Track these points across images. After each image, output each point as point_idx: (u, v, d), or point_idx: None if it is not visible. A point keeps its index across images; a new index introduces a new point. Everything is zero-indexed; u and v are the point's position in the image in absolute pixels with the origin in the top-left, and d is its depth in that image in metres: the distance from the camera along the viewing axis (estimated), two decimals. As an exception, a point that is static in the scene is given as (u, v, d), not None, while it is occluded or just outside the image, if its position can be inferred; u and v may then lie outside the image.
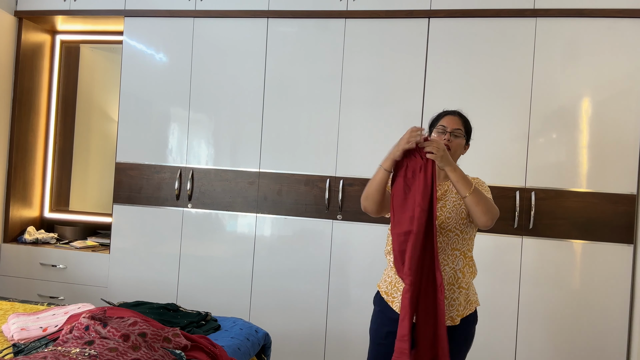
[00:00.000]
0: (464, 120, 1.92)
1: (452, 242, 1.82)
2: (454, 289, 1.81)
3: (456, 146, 1.87)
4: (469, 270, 1.85)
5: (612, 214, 2.59)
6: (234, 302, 2.97)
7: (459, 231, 1.83)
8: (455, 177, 1.70)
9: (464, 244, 1.84)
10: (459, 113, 1.94)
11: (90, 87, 3.71)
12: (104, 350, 1.53)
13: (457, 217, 1.83)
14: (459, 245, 1.83)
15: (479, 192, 1.71)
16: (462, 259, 1.83)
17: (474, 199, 1.69)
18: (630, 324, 2.58)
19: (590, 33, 2.63)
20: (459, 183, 1.69)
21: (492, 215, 1.72)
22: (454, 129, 1.88)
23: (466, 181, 1.70)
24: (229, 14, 3.02)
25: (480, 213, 1.70)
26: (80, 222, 3.58)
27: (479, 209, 1.69)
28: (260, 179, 2.96)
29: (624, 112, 2.59)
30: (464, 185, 1.69)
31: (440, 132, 1.88)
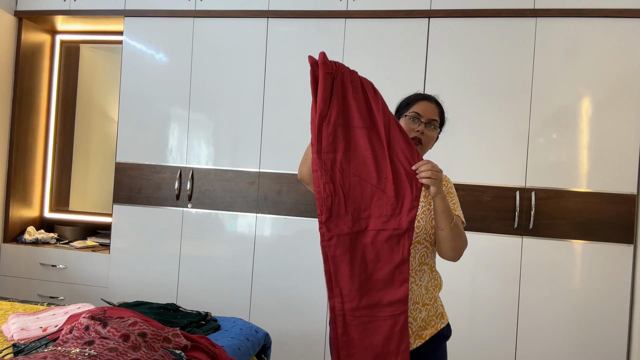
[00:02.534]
0: (440, 109, 1.63)
1: (420, 255, 1.55)
2: (418, 308, 1.56)
3: (428, 140, 1.59)
4: (434, 284, 1.61)
5: (612, 214, 2.59)
6: (234, 302, 2.97)
7: (428, 243, 1.56)
8: (442, 206, 1.43)
9: (432, 257, 1.60)
10: (435, 100, 1.63)
11: (90, 87, 3.71)
12: (104, 350, 1.53)
13: (428, 227, 1.55)
14: (427, 259, 1.57)
15: (457, 226, 1.48)
16: (428, 274, 1.58)
17: (451, 234, 1.46)
18: (630, 324, 2.58)
19: (590, 33, 2.63)
20: (443, 214, 1.44)
21: (460, 253, 1.51)
22: (430, 119, 1.57)
23: (449, 213, 1.45)
24: (229, 14, 3.02)
25: (450, 249, 1.49)
26: (80, 222, 3.58)
27: (451, 245, 1.48)
28: (260, 179, 2.96)
29: (624, 112, 2.59)
30: (446, 217, 1.44)
31: (411, 120, 1.58)
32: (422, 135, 1.55)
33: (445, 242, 1.48)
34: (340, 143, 1.38)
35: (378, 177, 1.39)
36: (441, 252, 1.53)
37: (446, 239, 1.47)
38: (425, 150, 1.60)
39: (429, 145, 1.61)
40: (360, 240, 1.41)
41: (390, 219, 1.39)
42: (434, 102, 1.62)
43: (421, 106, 1.58)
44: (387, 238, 1.39)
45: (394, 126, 1.41)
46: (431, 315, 1.58)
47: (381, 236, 1.40)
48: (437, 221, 1.45)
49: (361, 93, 1.41)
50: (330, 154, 1.38)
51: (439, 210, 1.43)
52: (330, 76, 1.36)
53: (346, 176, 1.39)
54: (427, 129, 1.57)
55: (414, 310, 1.55)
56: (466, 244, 1.53)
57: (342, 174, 1.39)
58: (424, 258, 1.57)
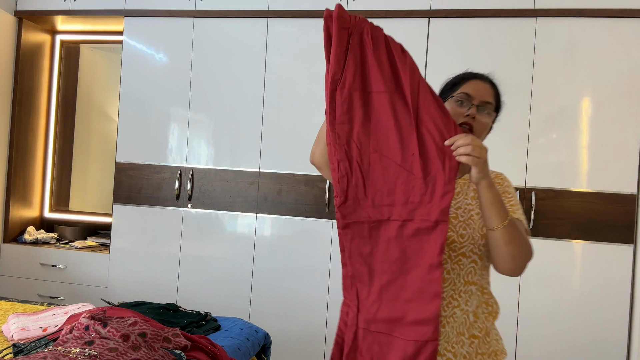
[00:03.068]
0: (496, 90, 1.33)
1: (466, 272, 1.23)
2: (462, 340, 1.22)
3: (481, 128, 1.26)
4: (487, 311, 1.27)
5: (612, 214, 2.59)
6: (234, 302, 2.97)
7: (477, 257, 1.24)
8: (490, 197, 1.10)
9: (482, 275, 1.26)
10: (490, 79, 1.34)
11: (90, 87, 3.71)
12: (104, 350, 1.53)
13: (477, 235, 1.24)
14: (475, 277, 1.25)
15: (514, 226, 1.13)
16: (478, 297, 1.25)
17: (505, 237, 1.11)
18: (630, 324, 2.58)
19: (590, 33, 2.63)
20: (492, 208, 1.10)
21: (520, 264, 1.16)
22: (483, 101, 1.25)
23: (501, 207, 1.11)
24: (229, 14, 3.02)
25: (506, 258, 1.14)
26: (80, 222, 3.58)
27: (507, 251, 1.13)
28: (260, 179, 2.96)
29: (624, 112, 2.59)
30: (497, 212, 1.10)
31: (458, 103, 1.26)
32: (472, 121, 1.23)
33: (498, 248, 1.14)
34: (358, 111, 1.13)
35: (403, 153, 1.12)
36: (496, 264, 1.19)
37: (499, 244, 1.13)
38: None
39: (482, 135, 1.29)
40: (382, 233, 1.13)
41: (419, 207, 1.11)
42: (488, 81, 1.32)
43: (472, 86, 1.28)
44: (415, 232, 1.11)
45: (424, 90, 1.12)
46: (480, 353, 1.24)
47: (408, 229, 1.11)
48: (486, 218, 1.12)
49: (384, 51, 1.14)
50: (345, 125, 1.13)
51: (487, 203, 1.10)
52: (346, 32, 1.13)
53: (365, 152, 1.13)
54: (480, 113, 1.24)
55: (457, 342, 1.21)
56: (530, 254, 1.17)
57: (360, 150, 1.13)
58: (471, 276, 1.24)
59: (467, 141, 1.06)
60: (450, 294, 1.22)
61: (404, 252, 1.12)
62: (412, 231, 1.11)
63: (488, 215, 1.12)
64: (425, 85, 1.13)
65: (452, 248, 1.23)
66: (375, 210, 1.14)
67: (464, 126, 1.23)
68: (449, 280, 1.22)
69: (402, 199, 1.12)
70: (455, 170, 1.10)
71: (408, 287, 1.11)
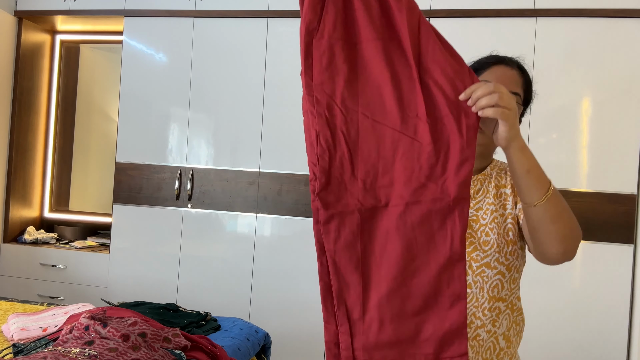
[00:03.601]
0: (525, 79, 1.13)
1: (491, 286, 1.04)
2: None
3: None
4: (516, 330, 1.11)
5: (612, 214, 2.59)
6: (234, 302, 2.97)
7: (504, 267, 1.05)
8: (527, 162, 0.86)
9: (512, 288, 1.08)
10: (518, 64, 1.13)
11: (90, 87, 3.71)
12: (104, 350, 1.53)
13: (502, 242, 1.05)
14: (504, 291, 1.06)
15: (558, 197, 0.91)
16: (508, 316, 1.07)
17: (552, 210, 0.88)
18: (630, 324, 2.58)
19: (590, 33, 2.63)
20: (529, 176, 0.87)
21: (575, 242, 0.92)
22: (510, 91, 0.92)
23: (543, 173, 0.89)
24: (229, 14, 3.01)
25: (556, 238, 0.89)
26: (80, 222, 3.58)
27: (556, 229, 0.89)
28: (260, 179, 2.96)
29: (624, 112, 2.59)
30: (538, 180, 0.88)
31: None
32: None
33: (543, 228, 0.89)
34: (341, 67, 0.87)
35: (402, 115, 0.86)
36: (541, 250, 0.96)
37: (544, 222, 0.89)
38: None
39: None
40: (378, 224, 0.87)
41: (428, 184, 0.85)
42: (516, 67, 1.11)
43: (496, 72, 1.08)
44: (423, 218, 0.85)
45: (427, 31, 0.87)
46: None
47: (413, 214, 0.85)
48: (523, 191, 0.89)
49: None
50: (325, 85, 0.87)
51: (522, 170, 0.87)
52: None
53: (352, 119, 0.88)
54: None
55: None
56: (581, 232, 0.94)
57: (346, 116, 0.88)
58: (497, 290, 1.04)
59: (490, 89, 0.82)
60: (472, 312, 1.01)
61: (409, 248, 0.85)
62: (419, 217, 0.85)
63: (525, 187, 0.88)
64: (427, 25, 0.87)
65: (474, 258, 1.03)
66: (367, 195, 0.87)
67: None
68: (471, 295, 1.02)
69: (403, 176, 0.86)
70: (475, 130, 0.84)
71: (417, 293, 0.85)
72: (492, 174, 1.14)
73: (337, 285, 0.89)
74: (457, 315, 0.83)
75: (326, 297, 0.91)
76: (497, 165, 1.18)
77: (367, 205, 0.87)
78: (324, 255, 0.89)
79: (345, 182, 0.87)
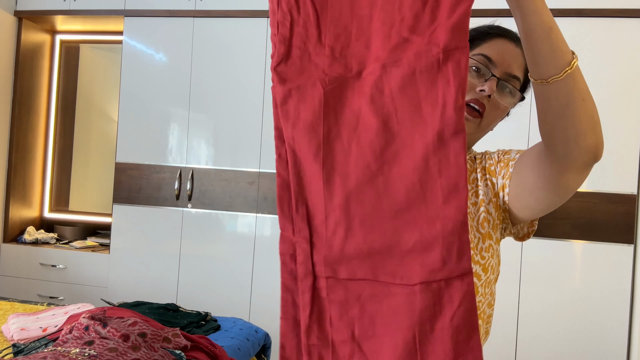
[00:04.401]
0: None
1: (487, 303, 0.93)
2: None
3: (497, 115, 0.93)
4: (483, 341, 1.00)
5: (612, 214, 2.59)
6: (234, 302, 2.97)
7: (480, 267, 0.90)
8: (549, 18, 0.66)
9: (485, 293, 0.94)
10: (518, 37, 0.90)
11: (90, 87, 3.71)
12: (104, 350, 1.53)
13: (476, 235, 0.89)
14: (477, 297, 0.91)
15: (579, 70, 0.68)
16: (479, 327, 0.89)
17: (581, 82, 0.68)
18: (631, 324, 2.58)
19: (590, 33, 2.63)
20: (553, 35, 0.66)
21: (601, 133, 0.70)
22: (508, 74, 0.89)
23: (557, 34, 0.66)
24: (229, 14, 3.01)
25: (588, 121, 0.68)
26: (80, 222, 3.58)
27: (587, 107, 0.68)
28: (260, 179, 2.96)
29: (624, 112, 2.59)
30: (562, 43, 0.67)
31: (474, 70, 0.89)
32: (486, 100, 0.87)
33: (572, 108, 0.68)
34: None
35: None
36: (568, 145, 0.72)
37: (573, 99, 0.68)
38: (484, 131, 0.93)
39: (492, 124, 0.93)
40: (347, 99, 0.66)
41: (411, 38, 0.63)
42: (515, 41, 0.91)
43: (497, 46, 0.90)
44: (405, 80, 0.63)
45: None
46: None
47: (391, 78, 0.63)
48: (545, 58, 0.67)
49: None
50: None
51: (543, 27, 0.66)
52: None
53: None
54: (500, 92, 0.88)
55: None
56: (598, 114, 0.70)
57: None
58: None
59: None
60: None
61: (386, 125, 0.63)
62: (399, 81, 0.63)
63: (549, 51, 0.66)
64: None
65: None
66: (336, 64, 0.67)
67: (471, 106, 0.87)
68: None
69: (381, 34, 0.64)
70: None
71: (397, 185, 0.62)
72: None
73: (296, 180, 0.68)
74: (455, 213, 0.59)
75: (282, 196, 0.69)
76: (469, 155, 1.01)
77: (334, 74, 0.67)
78: (283, 146, 0.73)
79: (310, 51, 0.68)
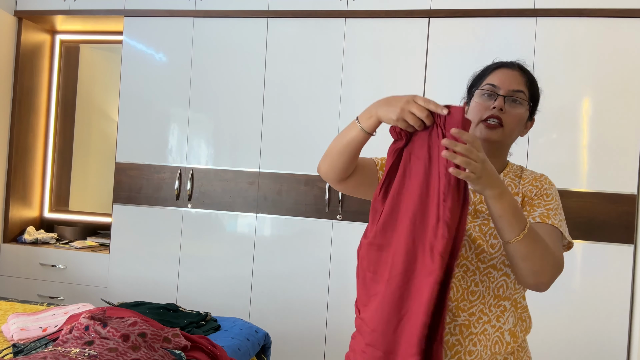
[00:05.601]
0: (528, 77, 1.19)
1: (497, 286, 1.12)
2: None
3: (514, 121, 1.14)
4: (523, 327, 1.20)
5: (612, 214, 2.58)
6: (233, 302, 2.97)
7: (508, 269, 1.13)
8: (499, 209, 0.97)
9: (516, 288, 1.16)
10: (519, 65, 1.20)
11: (90, 87, 3.71)
12: (104, 350, 1.53)
13: None
14: (508, 291, 1.14)
15: (534, 234, 1.00)
16: (513, 313, 1.16)
17: (522, 250, 0.99)
18: (631, 324, 2.58)
19: (590, 33, 2.63)
20: (503, 220, 0.98)
21: (546, 278, 1.03)
22: (512, 90, 1.14)
23: (516, 217, 0.98)
24: (229, 14, 3.01)
25: (526, 272, 1.02)
26: (80, 222, 3.58)
27: (525, 265, 1.01)
28: (260, 179, 2.96)
29: (624, 112, 2.59)
30: (510, 224, 0.98)
31: (485, 96, 1.16)
32: (500, 113, 1.12)
33: (515, 263, 1.02)
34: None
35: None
36: (517, 278, 1.10)
37: (515, 258, 1.01)
38: (512, 136, 1.16)
39: (515, 129, 1.16)
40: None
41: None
42: (517, 68, 1.18)
43: (498, 75, 1.16)
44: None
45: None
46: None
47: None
48: (497, 230, 1.02)
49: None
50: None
51: (494, 215, 0.99)
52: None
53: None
54: (509, 104, 1.14)
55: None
56: (557, 267, 1.05)
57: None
58: (502, 290, 1.13)
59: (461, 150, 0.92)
60: (480, 308, 1.10)
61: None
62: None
63: (498, 228, 1.01)
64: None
65: (481, 259, 1.11)
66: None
67: (491, 120, 1.13)
68: (478, 293, 1.10)
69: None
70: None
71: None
72: (505, 180, 1.21)
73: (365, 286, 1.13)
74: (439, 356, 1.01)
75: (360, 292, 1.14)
76: (512, 170, 1.25)
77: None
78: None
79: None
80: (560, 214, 1.18)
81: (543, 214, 1.14)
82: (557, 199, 1.20)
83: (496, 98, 1.14)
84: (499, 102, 1.13)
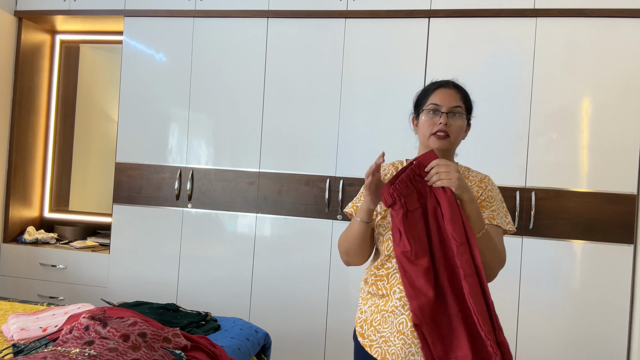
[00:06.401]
0: (462, 93, 1.46)
1: None
2: None
3: (457, 131, 1.42)
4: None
5: (612, 214, 2.59)
6: (234, 302, 2.97)
7: None
8: (471, 209, 1.28)
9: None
10: (454, 84, 1.46)
11: (90, 87, 3.71)
12: (104, 350, 1.53)
13: None
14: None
15: (487, 238, 1.32)
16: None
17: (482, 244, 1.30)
18: (631, 324, 2.58)
19: (590, 33, 2.63)
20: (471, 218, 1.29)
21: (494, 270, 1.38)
22: (452, 107, 1.41)
23: (479, 219, 1.30)
24: (229, 14, 3.02)
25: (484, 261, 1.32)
26: (80, 222, 3.58)
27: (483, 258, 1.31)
28: (260, 179, 2.96)
29: (624, 112, 2.59)
30: (477, 220, 1.29)
31: (430, 113, 1.42)
32: (446, 127, 1.38)
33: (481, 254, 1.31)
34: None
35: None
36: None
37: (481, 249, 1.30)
38: (457, 142, 1.44)
39: (460, 137, 1.44)
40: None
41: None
42: (452, 87, 1.44)
43: (438, 95, 1.42)
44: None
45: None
46: None
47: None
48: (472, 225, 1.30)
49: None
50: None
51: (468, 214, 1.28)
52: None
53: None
54: (452, 119, 1.40)
55: None
56: (500, 262, 1.38)
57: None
58: None
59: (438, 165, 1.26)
60: None
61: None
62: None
63: (471, 224, 1.28)
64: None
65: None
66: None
67: (440, 133, 1.40)
68: None
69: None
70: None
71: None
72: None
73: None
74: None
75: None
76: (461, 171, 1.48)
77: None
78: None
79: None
80: (502, 210, 1.45)
81: (489, 215, 1.42)
82: (498, 197, 1.47)
83: (440, 115, 1.40)
84: (443, 119, 1.39)
